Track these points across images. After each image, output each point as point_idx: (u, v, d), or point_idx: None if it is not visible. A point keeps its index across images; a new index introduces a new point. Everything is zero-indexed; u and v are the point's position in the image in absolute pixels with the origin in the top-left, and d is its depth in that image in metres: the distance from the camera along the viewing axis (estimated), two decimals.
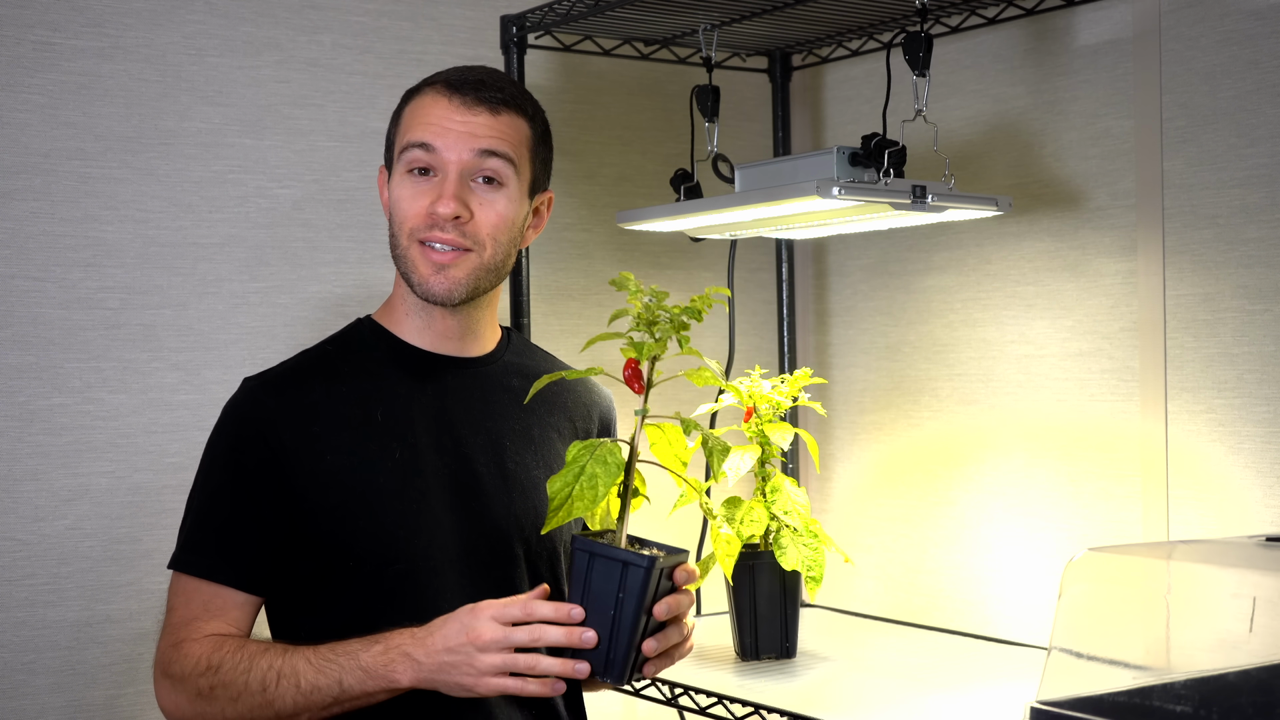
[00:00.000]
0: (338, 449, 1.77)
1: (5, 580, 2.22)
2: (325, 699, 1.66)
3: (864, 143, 2.09)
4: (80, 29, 2.29)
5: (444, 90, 1.83)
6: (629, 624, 1.65)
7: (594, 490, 1.64)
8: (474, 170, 1.80)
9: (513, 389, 1.89)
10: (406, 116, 1.85)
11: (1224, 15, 2.19)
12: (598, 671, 1.66)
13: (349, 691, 1.65)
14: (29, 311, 2.25)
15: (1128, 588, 1.65)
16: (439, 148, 1.80)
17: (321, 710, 1.68)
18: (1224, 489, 2.18)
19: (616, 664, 1.66)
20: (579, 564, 1.66)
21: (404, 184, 1.82)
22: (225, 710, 1.70)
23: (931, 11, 2.41)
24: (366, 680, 1.64)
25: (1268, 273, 2.14)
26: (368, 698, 1.66)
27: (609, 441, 1.68)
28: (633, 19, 2.45)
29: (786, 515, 2.18)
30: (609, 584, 1.65)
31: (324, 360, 1.86)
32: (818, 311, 2.89)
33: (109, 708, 2.28)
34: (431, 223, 1.79)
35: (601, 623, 1.65)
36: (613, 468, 1.65)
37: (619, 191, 2.75)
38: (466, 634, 1.61)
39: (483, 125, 1.81)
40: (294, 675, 1.67)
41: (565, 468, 1.66)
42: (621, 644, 1.65)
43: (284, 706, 1.67)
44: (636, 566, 1.64)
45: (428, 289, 1.81)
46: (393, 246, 1.84)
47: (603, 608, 1.65)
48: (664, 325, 1.69)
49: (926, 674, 2.20)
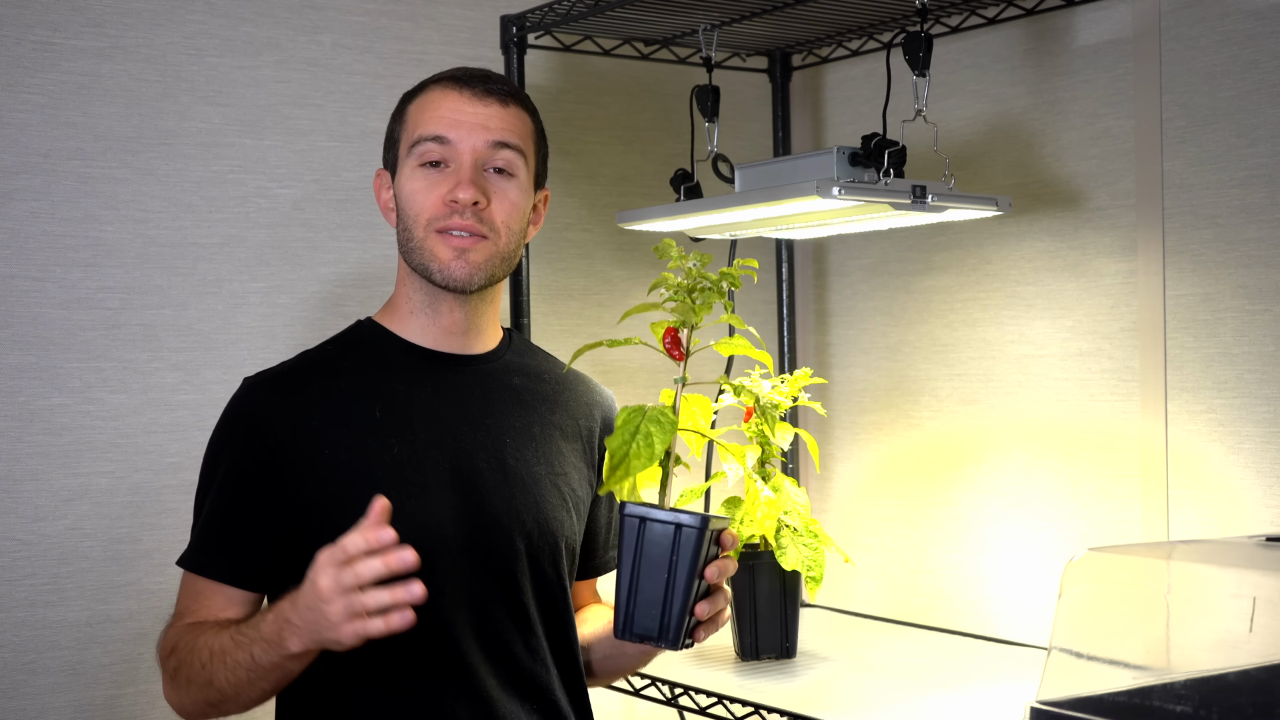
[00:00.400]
0: (336, 444, 1.78)
1: (6, 580, 2.22)
2: (245, 673, 1.65)
3: (864, 143, 2.09)
4: (80, 29, 2.29)
5: (451, 85, 1.85)
6: (684, 587, 1.65)
7: (650, 448, 1.66)
8: (486, 160, 1.82)
9: (514, 387, 1.90)
10: (414, 113, 1.86)
11: (1224, 15, 2.19)
12: (652, 636, 1.67)
13: (260, 663, 1.63)
14: (29, 311, 2.25)
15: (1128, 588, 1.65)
16: (453, 139, 1.82)
17: (247, 686, 1.66)
18: (1224, 489, 2.18)
19: (671, 628, 1.66)
20: (629, 530, 1.67)
21: (416, 177, 1.83)
22: (189, 692, 1.72)
23: (931, 11, 2.41)
24: (270, 650, 1.62)
25: (1268, 273, 2.14)
26: (277, 669, 1.64)
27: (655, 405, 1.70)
28: (633, 19, 2.45)
29: (786, 515, 2.18)
30: (662, 549, 1.65)
31: (324, 359, 1.87)
32: (818, 311, 2.89)
33: (109, 708, 2.28)
34: (450, 210, 1.80)
35: (655, 587, 1.65)
36: (667, 426, 1.67)
37: (619, 191, 2.75)
38: (313, 591, 1.55)
39: (494, 116, 1.83)
40: (222, 652, 1.67)
41: (618, 430, 1.67)
42: (676, 608, 1.66)
43: (221, 683, 1.67)
44: (690, 528, 1.65)
45: (449, 274, 1.81)
46: (405, 241, 1.84)
47: (657, 571, 1.66)
48: (705, 292, 1.71)
49: (926, 674, 2.20)
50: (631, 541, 1.67)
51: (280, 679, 1.67)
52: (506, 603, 1.81)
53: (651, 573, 1.66)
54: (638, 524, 1.67)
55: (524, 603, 1.82)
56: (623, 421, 1.68)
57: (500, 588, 1.80)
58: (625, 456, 1.66)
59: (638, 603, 1.67)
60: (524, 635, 1.82)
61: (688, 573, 1.66)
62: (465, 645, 1.77)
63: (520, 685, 1.81)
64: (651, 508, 1.68)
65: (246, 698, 1.69)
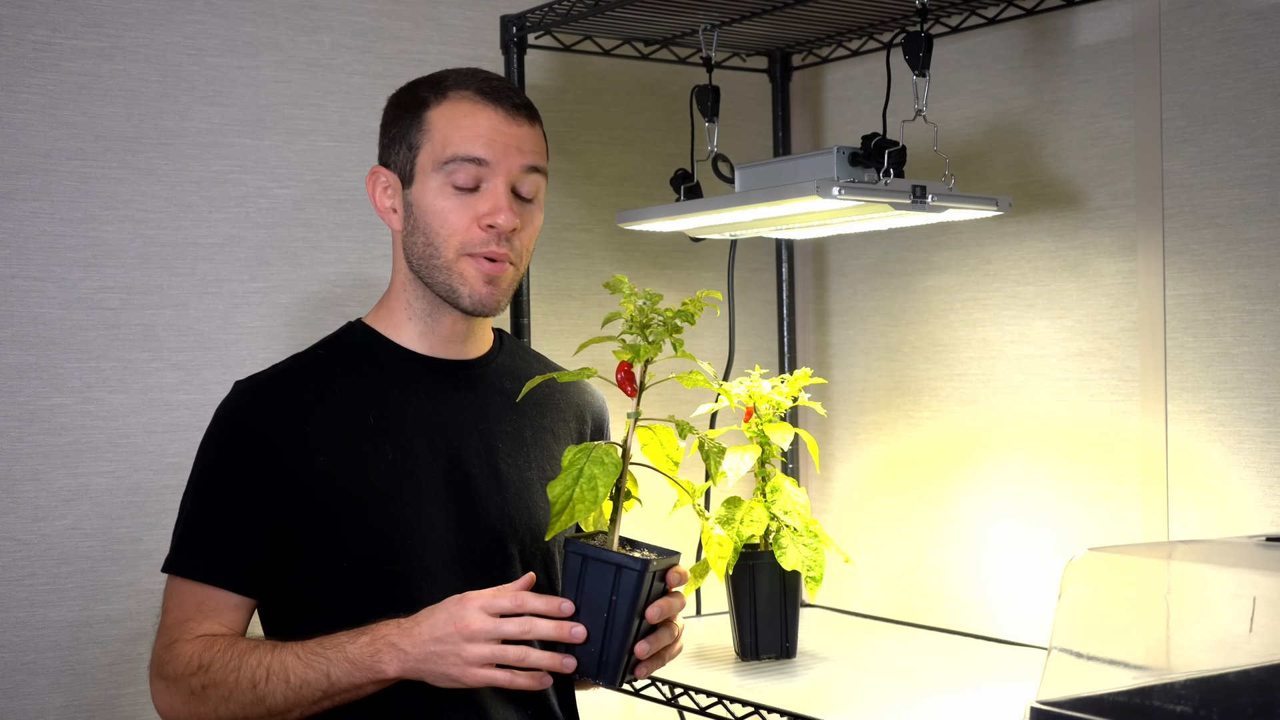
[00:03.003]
0: (331, 450, 1.77)
1: (5, 580, 2.22)
2: (314, 693, 1.66)
3: (864, 143, 2.09)
4: (80, 29, 2.29)
5: (482, 99, 1.80)
6: (622, 626, 1.65)
7: (594, 491, 1.65)
8: (518, 184, 1.80)
9: (505, 391, 1.89)
10: (442, 124, 1.80)
11: (1224, 15, 2.19)
12: (590, 673, 1.67)
13: (337, 684, 1.65)
14: (29, 311, 2.25)
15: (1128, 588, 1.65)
16: (492, 161, 1.78)
17: (312, 705, 1.68)
18: (1224, 489, 2.18)
19: (609, 666, 1.66)
20: (571, 566, 1.66)
21: (446, 195, 1.79)
22: (218, 709, 1.70)
23: (931, 11, 2.41)
24: (354, 672, 1.64)
25: (1268, 273, 2.14)
26: (356, 690, 1.66)
27: (603, 444, 1.69)
28: (633, 19, 2.45)
29: (786, 515, 2.18)
30: (602, 586, 1.65)
31: (316, 363, 1.86)
32: (818, 311, 2.89)
33: (109, 707, 2.28)
34: (486, 235, 1.78)
35: (595, 625, 1.65)
36: (610, 467, 1.66)
37: (619, 191, 2.75)
38: (454, 624, 1.60)
39: (527, 139, 1.80)
40: (283, 671, 1.67)
41: (563, 472, 1.66)
42: (614, 646, 1.65)
43: (274, 703, 1.67)
44: (630, 570, 1.64)
45: (479, 301, 1.80)
46: (427, 258, 1.81)
47: (596, 610, 1.65)
48: (657, 328, 1.70)
49: (926, 674, 2.20)
50: (573, 579, 1.66)
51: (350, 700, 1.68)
52: None
53: (591, 611, 1.65)
54: (580, 561, 1.66)
55: None
56: (567, 463, 1.67)
57: None
58: (569, 501, 1.65)
59: None
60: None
61: (627, 612, 1.65)
62: None
63: (514, 690, 1.80)
64: (593, 545, 1.67)
65: (297, 714, 1.69)
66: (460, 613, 1.61)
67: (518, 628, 1.61)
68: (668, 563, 1.71)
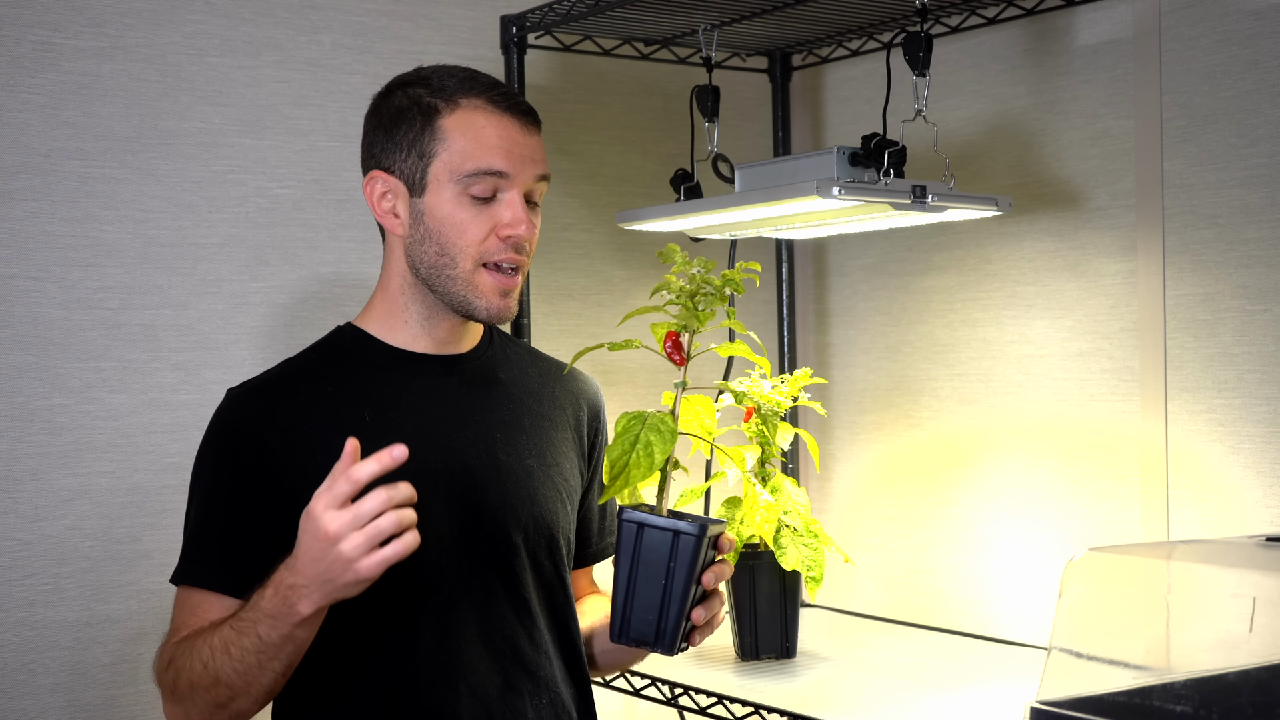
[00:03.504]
0: (329, 448, 1.77)
1: (5, 580, 2.22)
2: (254, 657, 1.64)
3: (864, 143, 2.09)
4: (80, 29, 2.29)
5: (495, 109, 1.80)
6: (680, 593, 1.66)
7: (650, 458, 1.67)
8: (530, 193, 1.82)
9: (499, 382, 1.90)
10: (456, 135, 1.79)
11: (1224, 15, 2.19)
12: (647, 641, 1.68)
13: (269, 641, 1.63)
14: (29, 311, 2.25)
15: (1128, 588, 1.65)
16: (512, 174, 1.79)
17: (259, 670, 1.65)
18: (1224, 489, 2.18)
19: (668, 634, 1.67)
20: (627, 535, 1.67)
21: (464, 206, 1.78)
22: (197, 700, 1.69)
23: (931, 11, 2.41)
24: (276, 624, 1.63)
25: (1268, 273, 2.14)
26: (288, 640, 1.64)
27: (656, 412, 1.70)
28: (633, 19, 2.45)
29: (786, 515, 2.18)
30: (659, 553, 1.66)
31: (308, 366, 1.86)
32: (818, 311, 2.89)
33: (109, 707, 2.28)
34: (505, 245, 1.79)
35: (652, 592, 1.66)
36: (667, 435, 1.67)
37: (619, 191, 2.75)
38: (319, 537, 1.56)
39: (537, 147, 1.82)
40: (223, 645, 1.66)
41: (616, 438, 1.68)
42: (672, 613, 1.67)
43: (228, 679, 1.66)
44: (688, 535, 1.65)
45: (494, 312, 1.81)
46: (440, 267, 1.80)
47: (654, 577, 1.66)
48: (708, 297, 1.71)
49: (926, 674, 2.20)
50: (629, 547, 1.68)
51: (292, 654, 1.66)
52: (508, 597, 1.81)
53: (649, 578, 1.67)
54: (635, 529, 1.67)
55: (525, 596, 1.82)
56: (622, 429, 1.68)
57: (501, 582, 1.80)
58: (625, 466, 1.66)
59: (634, 607, 1.68)
60: (527, 629, 1.82)
61: (685, 578, 1.66)
62: (468, 641, 1.77)
63: (525, 679, 1.81)
64: (649, 513, 1.68)
65: (258, 687, 1.67)
66: (316, 525, 1.56)
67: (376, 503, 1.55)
68: (719, 528, 1.72)
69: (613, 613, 1.69)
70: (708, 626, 1.74)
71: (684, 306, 1.73)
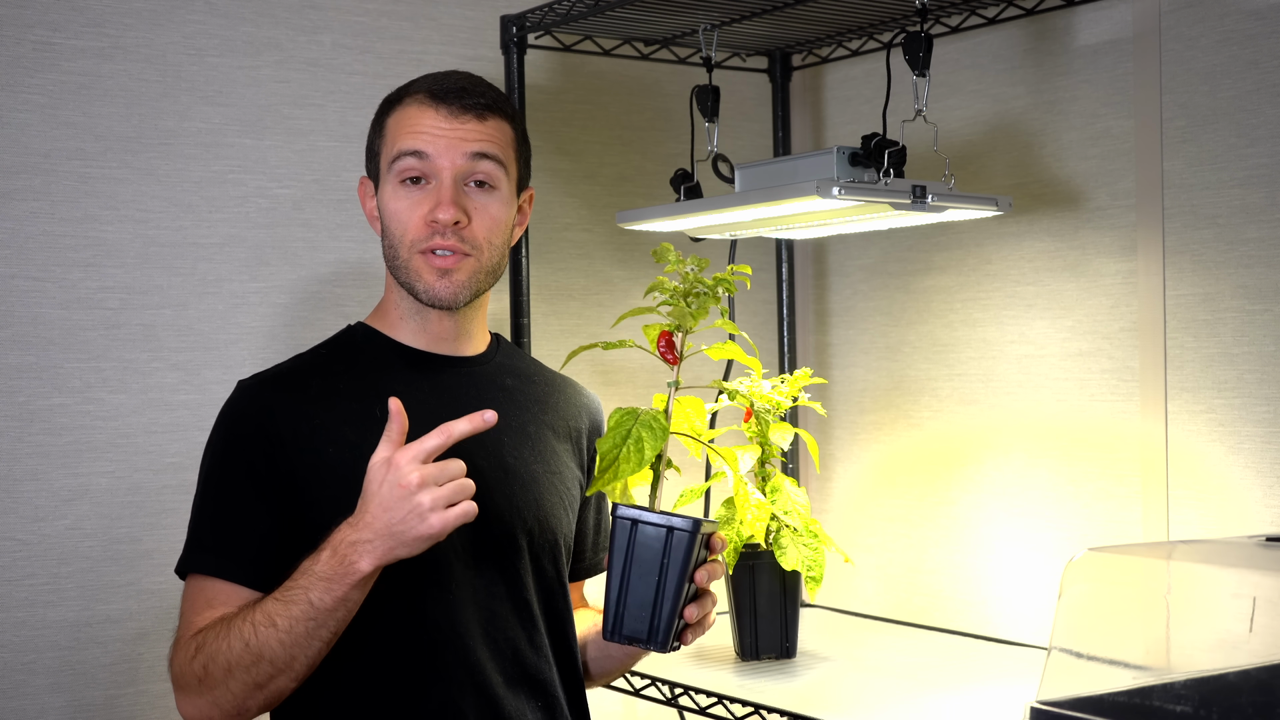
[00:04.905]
0: (341, 441, 1.78)
1: (5, 580, 2.22)
2: (303, 626, 1.65)
3: (864, 143, 2.09)
4: (80, 29, 2.29)
5: (428, 100, 1.84)
6: (673, 590, 1.67)
7: (640, 453, 1.68)
8: (467, 174, 1.82)
9: (507, 388, 1.91)
10: (392, 126, 1.85)
11: (1224, 15, 2.19)
12: (640, 639, 1.68)
13: (320, 605, 1.64)
14: (29, 311, 2.25)
15: (1128, 588, 1.65)
16: (431, 154, 1.81)
17: (307, 642, 1.65)
18: (1224, 489, 2.18)
19: (661, 631, 1.68)
20: (621, 532, 1.68)
21: (398, 195, 1.83)
22: (230, 686, 1.69)
23: (931, 11, 2.41)
24: (332, 586, 1.63)
25: (1268, 273, 2.14)
26: (341, 604, 1.64)
27: (649, 409, 1.71)
28: (633, 19, 2.45)
29: (786, 515, 2.18)
30: (653, 550, 1.67)
31: (319, 361, 1.88)
32: (818, 311, 2.89)
33: (108, 707, 2.28)
34: (432, 231, 1.81)
35: (645, 590, 1.67)
36: (658, 432, 1.69)
37: (619, 191, 2.75)
38: (398, 485, 1.60)
39: (472, 131, 1.83)
40: (268, 619, 1.66)
41: (609, 431, 1.69)
42: (666, 610, 1.68)
43: (273, 654, 1.66)
44: (681, 531, 1.66)
45: (434, 295, 1.83)
46: (391, 258, 1.85)
47: (647, 574, 1.67)
48: (701, 297, 1.72)
49: (926, 674, 2.20)
50: (623, 544, 1.68)
51: (341, 621, 1.66)
52: (511, 599, 1.81)
53: (642, 575, 1.68)
54: (629, 526, 1.68)
55: (527, 599, 1.82)
56: (615, 423, 1.69)
57: (505, 584, 1.81)
58: (615, 460, 1.67)
59: (627, 604, 1.68)
60: (528, 631, 1.82)
61: (678, 575, 1.67)
62: (472, 641, 1.77)
63: (525, 681, 1.81)
64: (643, 510, 1.69)
65: (303, 660, 1.67)
66: (398, 475, 1.61)
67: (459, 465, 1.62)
68: (712, 527, 1.73)
69: (605, 611, 1.69)
70: (700, 625, 1.74)
71: (676, 306, 1.73)
